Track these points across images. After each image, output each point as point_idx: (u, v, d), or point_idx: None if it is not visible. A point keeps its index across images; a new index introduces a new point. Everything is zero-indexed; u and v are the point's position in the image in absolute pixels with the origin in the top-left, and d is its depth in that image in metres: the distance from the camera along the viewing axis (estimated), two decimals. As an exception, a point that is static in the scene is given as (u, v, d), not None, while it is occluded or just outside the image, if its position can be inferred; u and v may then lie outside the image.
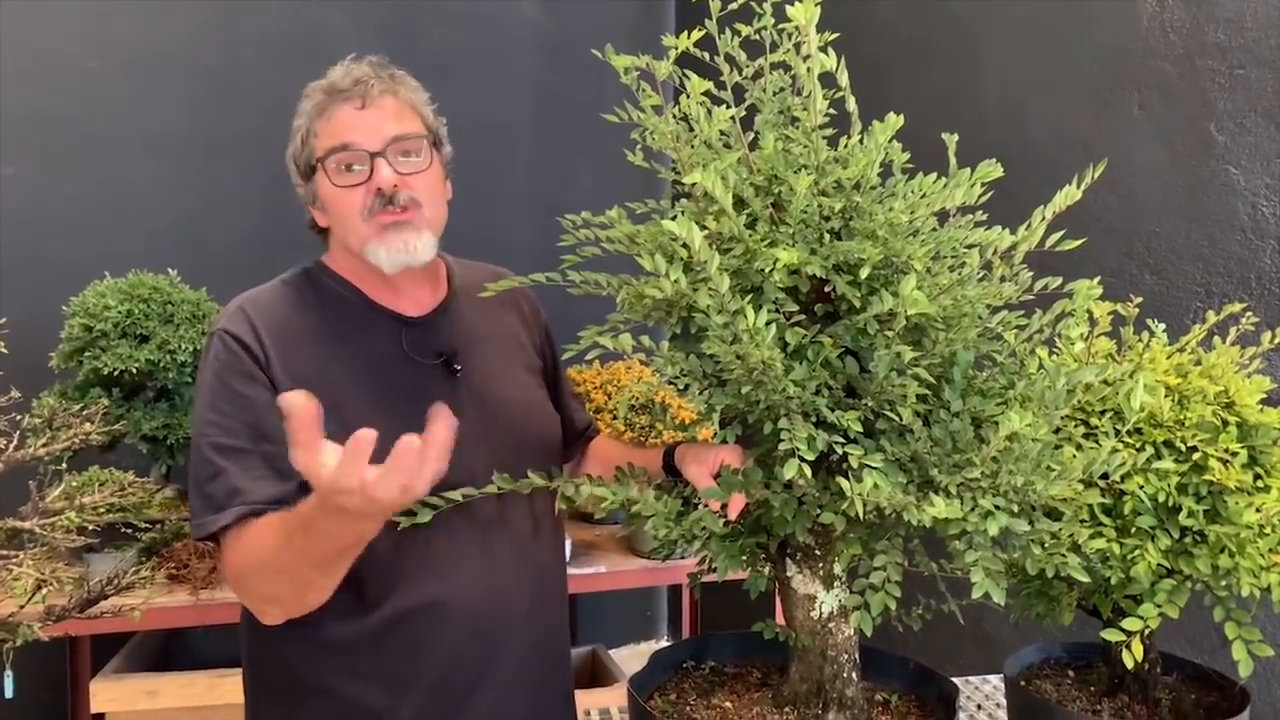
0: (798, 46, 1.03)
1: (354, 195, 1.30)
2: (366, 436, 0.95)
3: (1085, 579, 1.01)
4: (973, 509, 0.97)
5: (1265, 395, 1.18)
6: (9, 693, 1.52)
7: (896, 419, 0.99)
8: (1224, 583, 1.10)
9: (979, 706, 1.60)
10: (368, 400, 1.30)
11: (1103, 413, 1.18)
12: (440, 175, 1.39)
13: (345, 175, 1.30)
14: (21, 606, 1.09)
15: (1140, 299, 1.30)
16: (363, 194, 1.30)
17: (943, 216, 1.07)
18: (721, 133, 1.07)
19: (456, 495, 1.24)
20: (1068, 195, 1.00)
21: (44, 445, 1.13)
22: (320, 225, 1.41)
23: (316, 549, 1.13)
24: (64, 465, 1.21)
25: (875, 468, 0.96)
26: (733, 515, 1.11)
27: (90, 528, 1.13)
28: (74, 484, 1.15)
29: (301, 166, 1.35)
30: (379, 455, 1.26)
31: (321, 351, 1.31)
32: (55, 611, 1.15)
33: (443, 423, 0.96)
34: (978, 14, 2.34)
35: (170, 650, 2.56)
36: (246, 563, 1.21)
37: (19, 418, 1.20)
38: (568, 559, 1.99)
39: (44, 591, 1.07)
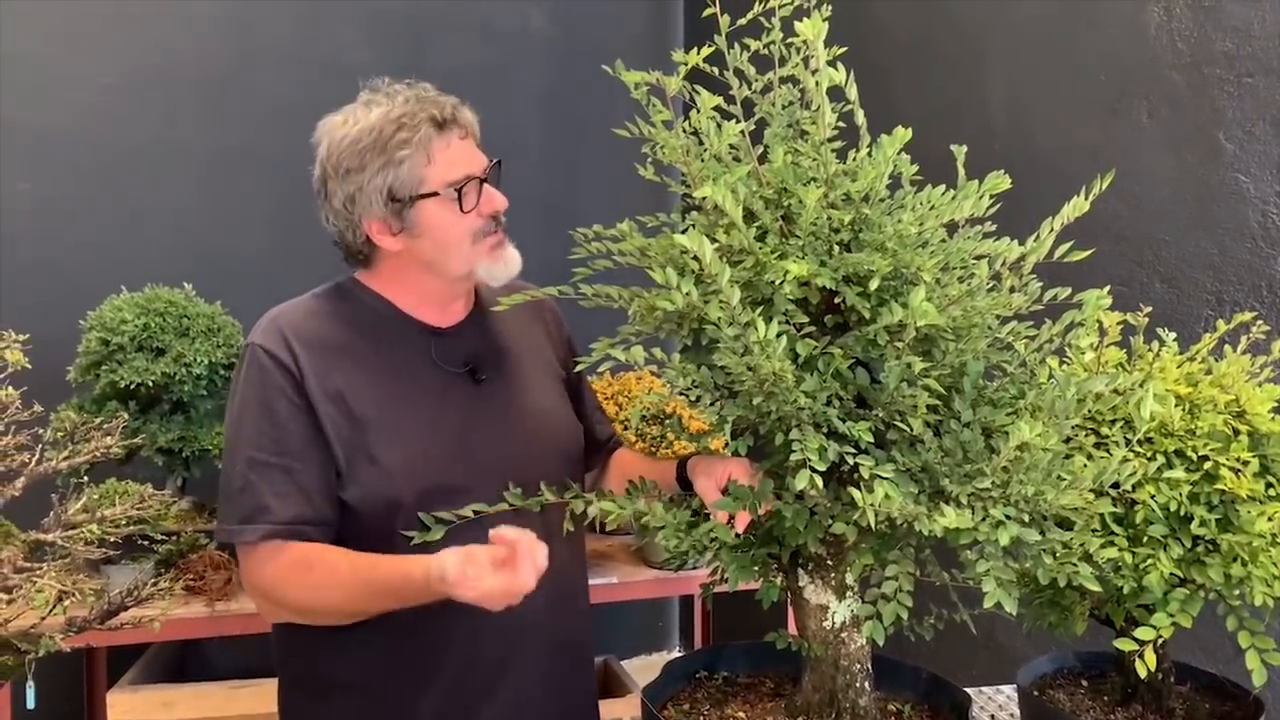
0: (806, 61, 1.04)
1: (468, 221, 1.35)
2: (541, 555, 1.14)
3: (1097, 588, 1.02)
4: (984, 519, 0.97)
5: (1276, 404, 1.18)
6: (31, 703, 1.53)
7: (907, 429, 1.00)
8: (1237, 592, 1.10)
9: (992, 717, 1.60)
10: (396, 407, 1.34)
11: (1113, 422, 1.18)
12: None
13: (469, 202, 1.35)
14: (43, 618, 1.10)
15: (1150, 308, 1.30)
16: (473, 219, 1.36)
17: (951, 227, 1.07)
18: (731, 146, 1.08)
19: (467, 512, 1.26)
20: (1076, 206, 1.01)
21: (65, 459, 1.14)
22: (386, 249, 1.37)
23: (393, 604, 1.26)
24: (84, 478, 1.22)
25: (886, 478, 0.97)
26: (739, 529, 1.12)
27: (111, 539, 1.14)
28: (94, 497, 1.17)
29: (405, 196, 1.32)
30: (413, 456, 1.31)
31: (353, 364, 1.35)
32: (76, 623, 1.16)
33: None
34: (984, 23, 2.35)
35: (186, 661, 2.57)
36: (290, 586, 1.28)
37: (39, 431, 1.21)
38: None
39: (65, 603, 1.09)
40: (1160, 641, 1.09)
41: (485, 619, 1.34)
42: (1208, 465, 1.12)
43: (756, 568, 1.16)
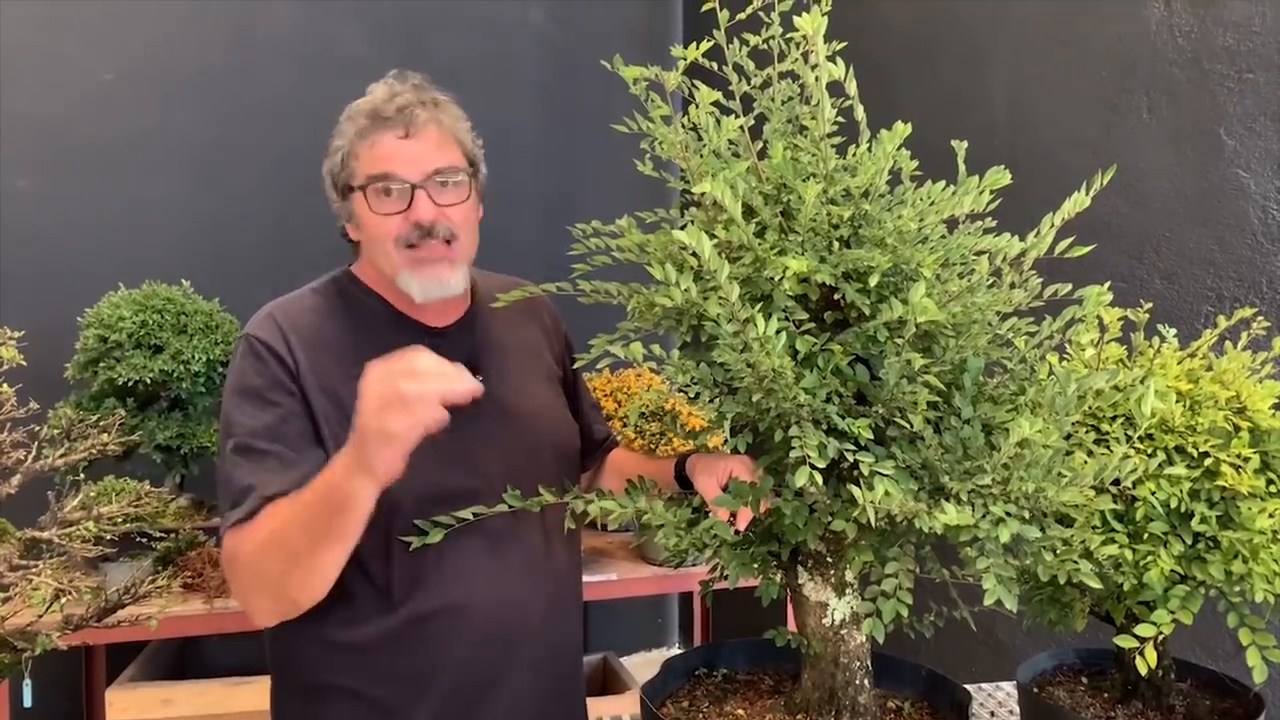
0: (805, 56, 1.03)
1: (391, 224, 1.31)
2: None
3: (1097, 585, 1.01)
4: (984, 516, 0.97)
5: (1277, 400, 1.18)
6: (28, 701, 1.53)
7: (907, 426, 1.00)
8: (1237, 589, 1.10)
9: (992, 714, 1.60)
10: None
11: (1114, 419, 1.18)
12: (475, 205, 1.39)
13: (384, 203, 1.30)
14: (40, 616, 1.10)
15: (1150, 304, 1.30)
16: (400, 223, 1.30)
17: (952, 223, 1.07)
18: (730, 142, 1.08)
19: (467, 514, 1.25)
20: (1077, 202, 1.00)
21: (62, 456, 1.14)
22: (353, 238, 1.42)
23: (318, 513, 1.15)
24: (81, 476, 1.22)
25: (886, 475, 0.96)
26: (740, 526, 1.11)
27: (108, 537, 1.14)
28: (91, 494, 1.16)
29: (339, 186, 1.36)
30: (408, 458, 1.29)
31: (348, 360, 1.33)
32: (74, 620, 1.16)
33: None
34: (985, 19, 2.34)
35: (184, 658, 2.57)
36: (242, 546, 1.23)
37: (37, 429, 1.21)
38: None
39: (63, 601, 1.08)
40: (1161, 638, 1.09)
41: (484, 628, 1.34)
42: (1208, 462, 1.12)
43: (756, 565, 1.16)
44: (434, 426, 1.07)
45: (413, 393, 1.06)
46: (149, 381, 2.20)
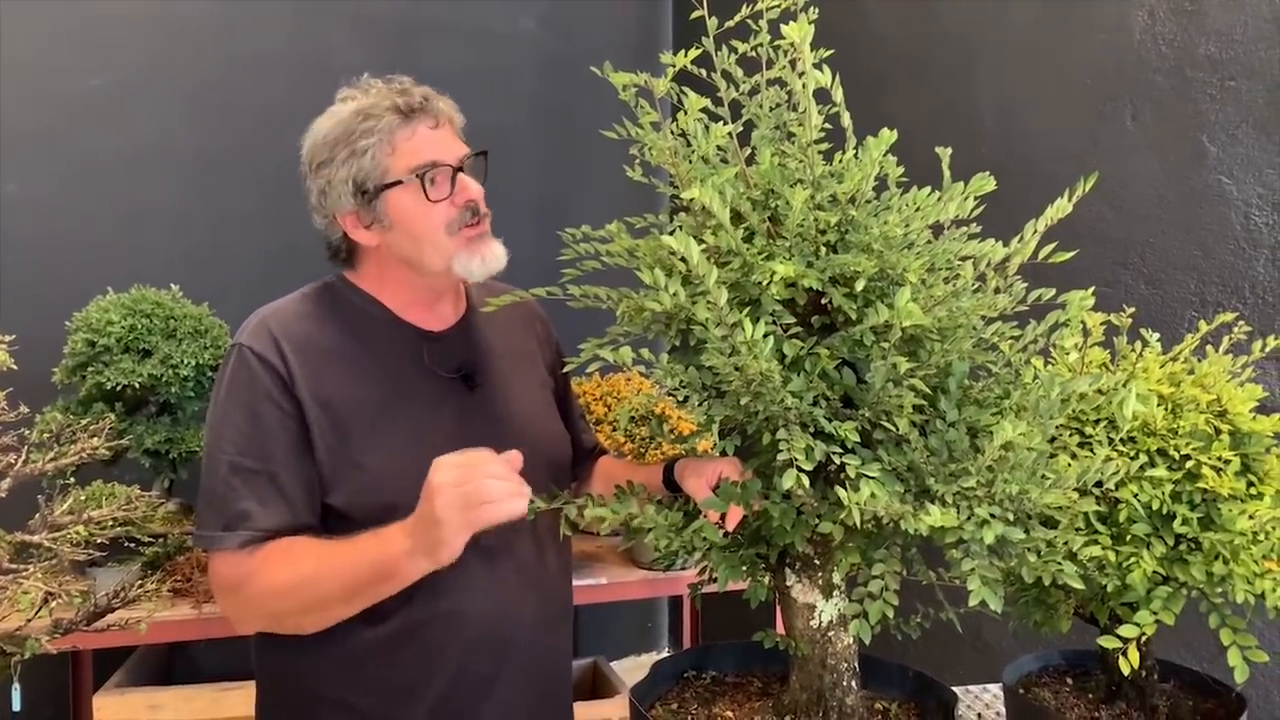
0: (793, 63, 1.05)
1: (440, 211, 1.33)
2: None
3: (1081, 587, 1.02)
4: (969, 518, 0.98)
5: (1257, 403, 1.20)
6: (16, 705, 1.52)
7: (893, 429, 1.01)
8: (1219, 589, 1.12)
9: (979, 715, 1.61)
10: (389, 411, 1.33)
11: (1097, 422, 1.19)
12: None
13: (435, 190, 1.33)
14: (29, 620, 1.10)
15: (1134, 309, 1.31)
16: (446, 208, 1.34)
17: (937, 229, 1.08)
18: (719, 148, 1.09)
19: None
20: (1059, 209, 1.02)
21: (51, 460, 1.14)
22: (363, 244, 1.38)
23: (365, 580, 1.21)
24: (71, 480, 1.22)
25: (872, 477, 0.97)
26: (730, 526, 1.12)
27: (97, 541, 1.14)
28: (80, 498, 1.16)
29: (370, 187, 1.33)
30: (403, 462, 1.29)
31: (344, 366, 1.34)
32: (62, 625, 1.15)
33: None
34: (972, 28, 2.37)
35: (173, 664, 2.56)
36: (251, 581, 1.25)
37: (26, 433, 1.21)
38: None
39: (52, 605, 1.08)
40: (1144, 639, 1.10)
41: (475, 637, 1.34)
42: (1190, 464, 1.14)
43: (744, 567, 1.17)
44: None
45: (497, 489, 1.13)
46: (137, 386, 2.19)
